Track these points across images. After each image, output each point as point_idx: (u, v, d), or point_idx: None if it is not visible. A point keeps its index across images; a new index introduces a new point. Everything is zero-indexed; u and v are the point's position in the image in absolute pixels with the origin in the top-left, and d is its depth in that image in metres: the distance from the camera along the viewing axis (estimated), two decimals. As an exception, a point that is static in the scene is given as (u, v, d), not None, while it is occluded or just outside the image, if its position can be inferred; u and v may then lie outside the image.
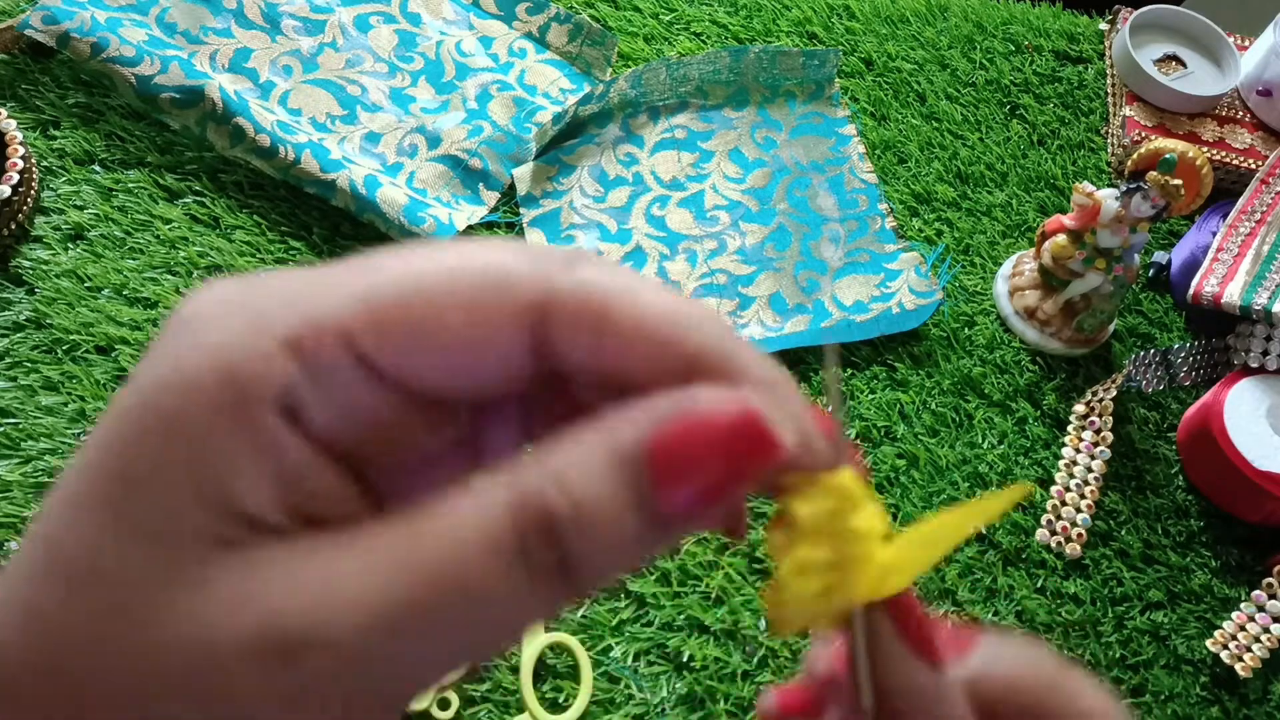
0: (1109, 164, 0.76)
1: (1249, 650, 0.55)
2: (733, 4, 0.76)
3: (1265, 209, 0.68)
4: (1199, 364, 0.67)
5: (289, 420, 0.15)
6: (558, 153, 0.64)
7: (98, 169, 0.56)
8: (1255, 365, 0.62)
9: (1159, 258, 0.71)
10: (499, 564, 0.14)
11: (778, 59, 0.70)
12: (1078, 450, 0.61)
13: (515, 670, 0.47)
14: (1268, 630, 0.56)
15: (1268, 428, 0.60)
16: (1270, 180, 0.70)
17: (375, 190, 0.57)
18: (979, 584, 0.55)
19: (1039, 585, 0.56)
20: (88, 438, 0.15)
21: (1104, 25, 0.85)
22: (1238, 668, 0.55)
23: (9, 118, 0.53)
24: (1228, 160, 0.75)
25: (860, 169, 0.69)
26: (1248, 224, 0.68)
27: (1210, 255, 0.66)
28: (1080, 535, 0.58)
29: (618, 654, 0.49)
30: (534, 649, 0.47)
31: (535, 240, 0.62)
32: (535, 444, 0.19)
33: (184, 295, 0.23)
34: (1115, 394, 0.62)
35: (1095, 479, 0.60)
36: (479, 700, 0.46)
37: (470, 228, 0.60)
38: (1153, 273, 0.71)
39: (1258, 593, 0.57)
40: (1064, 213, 0.65)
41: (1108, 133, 0.78)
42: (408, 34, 0.67)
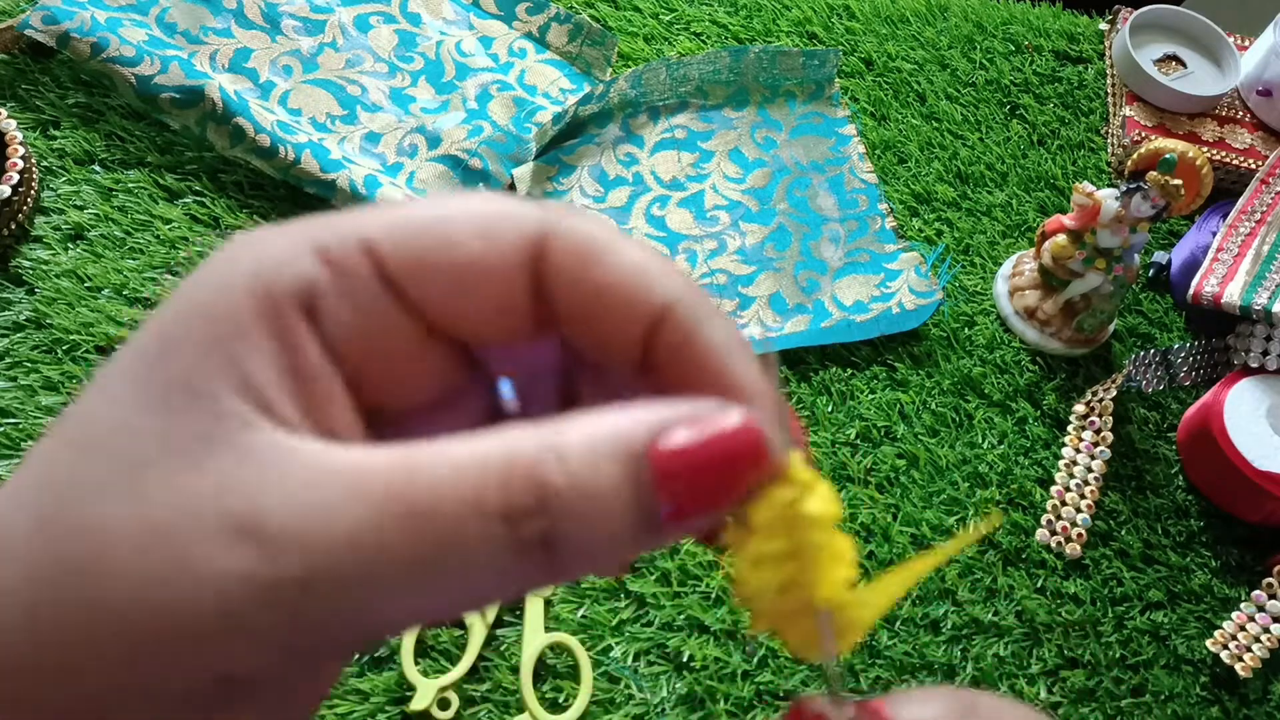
0: (1109, 164, 0.76)
1: (1249, 650, 0.55)
2: (733, 4, 0.76)
3: (1265, 209, 0.68)
4: (1199, 364, 0.67)
5: (309, 320, 0.16)
6: (558, 153, 0.64)
7: (98, 169, 0.56)
8: (1255, 365, 0.62)
9: (1159, 258, 0.71)
10: (478, 519, 0.14)
11: (778, 59, 0.70)
12: (1078, 450, 0.61)
13: (515, 670, 0.47)
14: (1268, 630, 0.56)
15: (1268, 428, 0.60)
16: (1270, 180, 0.70)
17: (375, 190, 0.57)
18: (979, 584, 0.55)
19: (1039, 585, 0.56)
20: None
21: (1104, 25, 0.85)
22: (1238, 668, 0.55)
23: (9, 118, 0.53)
24: (1228, 160, 0.75)
25: (860, 169, 0.69)
26: (1248, 224, 0.68)
27: (1210, 255, 0.66)
28: (1080, 535, 0.58)
29: (618, 654, 0.49)
30: (534, 649, 0.47)
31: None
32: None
33: None
34: (1115, 394, 0.62)
35: (1095, 479, 0.60)
36: (479, 700, 0.46)
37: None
38: (1153, 273, 0.71)
39: (1258, 593, 0.57)
40: (1064, 213, 0.65)
41: (1108, 133, 0.78)
42: (408, 34, 0.67)
